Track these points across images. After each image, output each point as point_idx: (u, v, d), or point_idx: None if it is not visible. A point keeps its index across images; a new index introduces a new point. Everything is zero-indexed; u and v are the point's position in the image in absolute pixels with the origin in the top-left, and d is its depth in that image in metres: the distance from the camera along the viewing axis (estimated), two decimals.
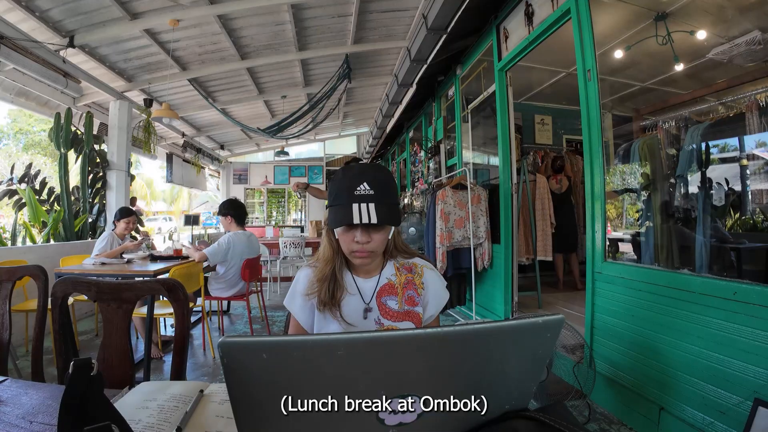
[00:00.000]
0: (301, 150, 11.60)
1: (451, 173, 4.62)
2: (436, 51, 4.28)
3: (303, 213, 12.46)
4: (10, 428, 0.75)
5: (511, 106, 3.78)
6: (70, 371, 0.60)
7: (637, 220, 3.17)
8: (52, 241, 5.06)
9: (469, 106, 4.62)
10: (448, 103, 5.32)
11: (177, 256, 3.79)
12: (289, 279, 7.13)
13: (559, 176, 4.65)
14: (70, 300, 3.13)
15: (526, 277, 4.28)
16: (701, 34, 3.40)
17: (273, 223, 11.87)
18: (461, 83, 4.79)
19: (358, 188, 0.97)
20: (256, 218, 12.63)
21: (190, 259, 3.54)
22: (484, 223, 3.83)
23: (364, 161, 5.96)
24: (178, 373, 1.15)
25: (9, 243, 4.98)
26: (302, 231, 9.83)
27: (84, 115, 5.65)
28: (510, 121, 3.76)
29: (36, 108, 5.68)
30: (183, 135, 8.46)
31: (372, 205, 0.95)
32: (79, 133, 5.62)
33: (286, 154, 9.90)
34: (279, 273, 6.46)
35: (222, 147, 10.52)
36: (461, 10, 3.54)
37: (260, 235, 8.83)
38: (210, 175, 11.04)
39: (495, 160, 5.05)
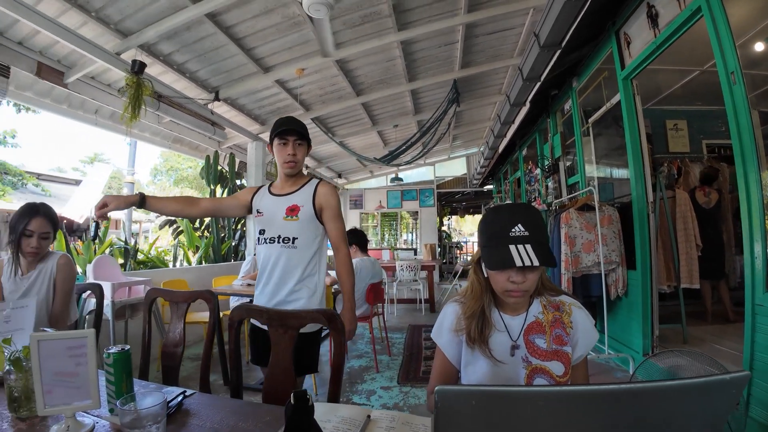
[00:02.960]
0: (410, 174, 11.90)
1: (574, 193, 4.34)
2: (550, 67, 4.14)
3: (414, 235, 12.67)
4: None
5: (640, 116, 3.47)
6: (291, 401, 0.74)
7: None
8: (203, 263, 5.94)
9: (589, 120, 4.34)
10: (565, 118, 5.06)
11: None
12: (405, 301, 7.29)
13: (708, 188, 4.02)
14: (221, 314, 3.63)
15: (665, 307, 3.75)
16: None
17: (386, 245, 12.26)
18: (578, 96, 4.54)
19: (513, 230, 0.99)
20: (369, 241, 13.10)
21: None
22: (617, 246, 3.49)
23: (509, 202, 5.62)
24: (335, 396, 1.25)
25: (171, 264, 6.02)
26: (415, 254, 10.00)
27: (227, 155, 6.60)
28: (640, 132, 3.45)
29: (188, 151, 6.72)
30: (306, 167, 9.29)
31: (529, 246, 0.97)
32: (224, 171, 6.58)
33: (401, 180, 10.23)
34: (395, 295, 6.66)
35: (339, 176, 11.28)
36: (576, 23, 3.40)
37: (376, 258, 9.18)
38: None
39: (621, 175, 4.64)
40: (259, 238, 1.89)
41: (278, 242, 1.81)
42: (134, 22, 3.73)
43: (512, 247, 0.97)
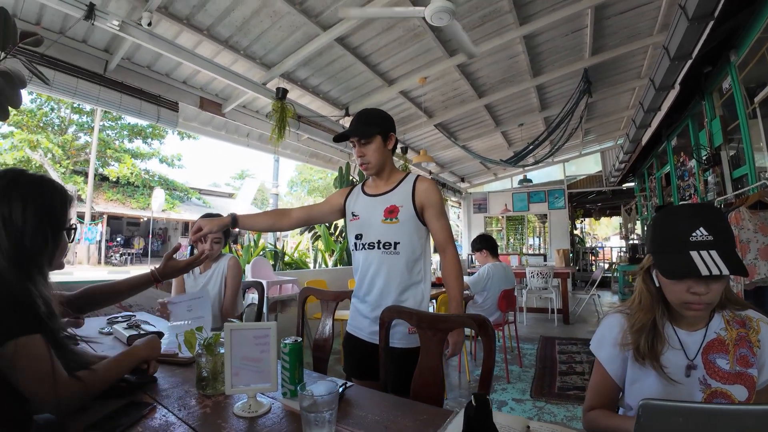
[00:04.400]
0: (537, 174, 11.23)
1: (742, 189, 3.67)
2: (702, 42, 3.59)
3: (541, 239, 11.94)
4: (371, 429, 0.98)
5: None
6: (473, 403, 0.79)
7: None
8: (338, 265, 6.46)
9: (755, 99, 3.65)
10: (725, 99, 4.32)
11: (439, 283, 4.22)
12: (534, 310, 6.92)
13: None
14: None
15: None
16: None
17: (511, 250, 11.78)
18: (738, 72, 3.84)
19: (694, 234, 0.90)
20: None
21: None
22: None
23: (685, 202, 4.85)
24: None
25: (311, 265, 6.71)
26: (545, 259, 9.41)
27: (357, 165, 7.07)
28: None
29: (323, 164, 7.37)
30: (430, 173, 9.43)
31: (714, 253, 0.87)
32: (354, 181, 7.05)
33: (530, 181, 9.76)
34: (524, 303, 6.36)
35: (462, 180, 11.21)
36: None
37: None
38: (451, 206, 11.89)
39: None
40: (356, 243, 1.70)
41: (378, 248, 1.62)
42: (276, 54, 4.25)
43: (694, 254, 0.87)
